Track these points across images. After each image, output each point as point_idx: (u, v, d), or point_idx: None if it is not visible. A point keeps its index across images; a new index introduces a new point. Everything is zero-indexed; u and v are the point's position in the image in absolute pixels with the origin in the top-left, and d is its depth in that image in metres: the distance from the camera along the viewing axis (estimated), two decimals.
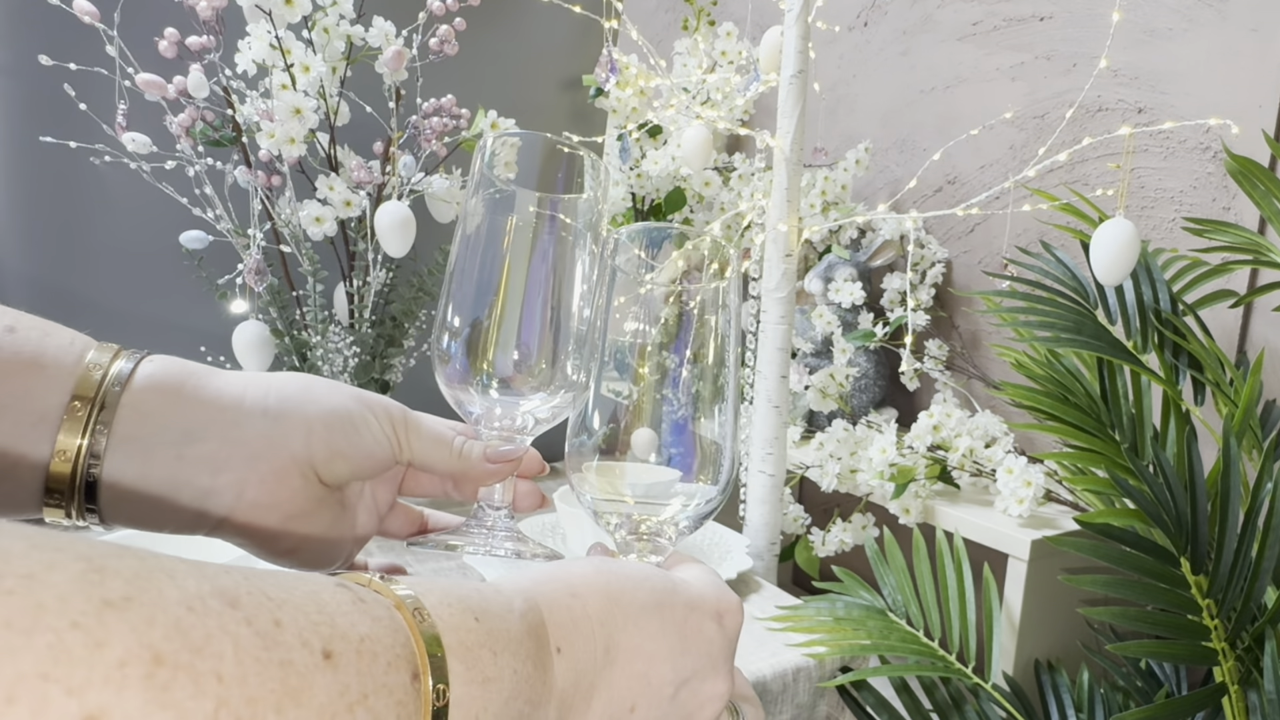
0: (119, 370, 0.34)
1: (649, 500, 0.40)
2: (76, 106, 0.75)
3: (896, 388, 1.37)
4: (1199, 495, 0.70)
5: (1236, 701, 0.67)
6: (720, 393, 0.41)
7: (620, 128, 1.24)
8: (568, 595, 0.30)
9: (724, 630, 0.34)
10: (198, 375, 0.36)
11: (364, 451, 0.38)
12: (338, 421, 0.37)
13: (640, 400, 0.41)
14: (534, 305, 0.42)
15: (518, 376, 0.41)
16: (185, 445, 0.35)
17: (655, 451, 0.40)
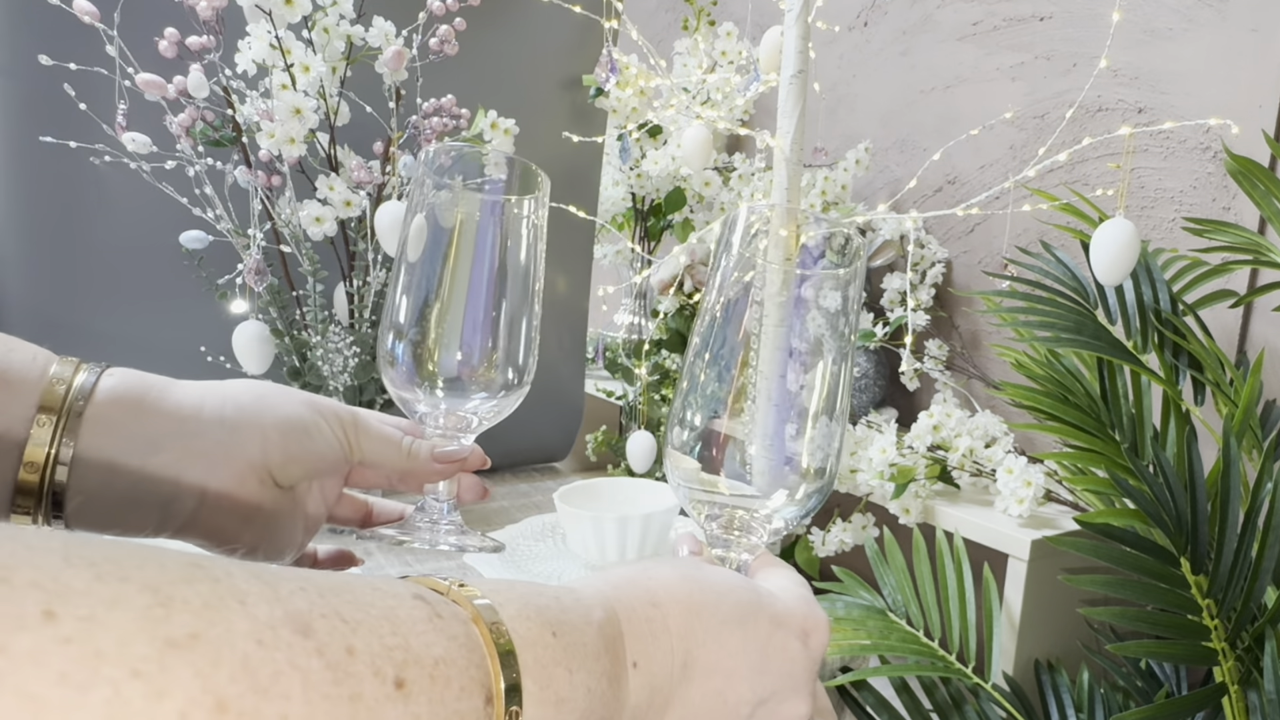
0: (81, 383, 0.35)
1: (743, 494, 0.38)
2: (76, 106, 0.75)
3: (896, 388, 1.37)
4: (1199, 495, 0.70)
5: (1236, 701, 0.67)
6: (828, 404, 0.39)
7: (620, 128, 1.24)
8: (648, 605, 0.30)
9: (808, 650, 0.33)
10: (157, 388, 0.38)
11: (316, 455, 0.40)
12: (291, 429, 0.39)
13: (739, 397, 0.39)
14: (476, 308, 0.43)
15: (462, 377, 0.42)
16: (148, 455, 0.36)
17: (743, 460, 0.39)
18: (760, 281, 0.39)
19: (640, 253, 1.51)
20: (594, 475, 1.15)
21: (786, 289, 0.38)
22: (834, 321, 0.39)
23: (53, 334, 0.83)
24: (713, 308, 0.40)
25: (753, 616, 0.32)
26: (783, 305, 0.37)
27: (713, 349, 0.39)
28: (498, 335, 0.43)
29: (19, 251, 0.84)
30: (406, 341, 0.42)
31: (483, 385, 0.43)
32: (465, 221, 0.43)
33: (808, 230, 0.41)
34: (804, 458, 0.39)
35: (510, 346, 0.43)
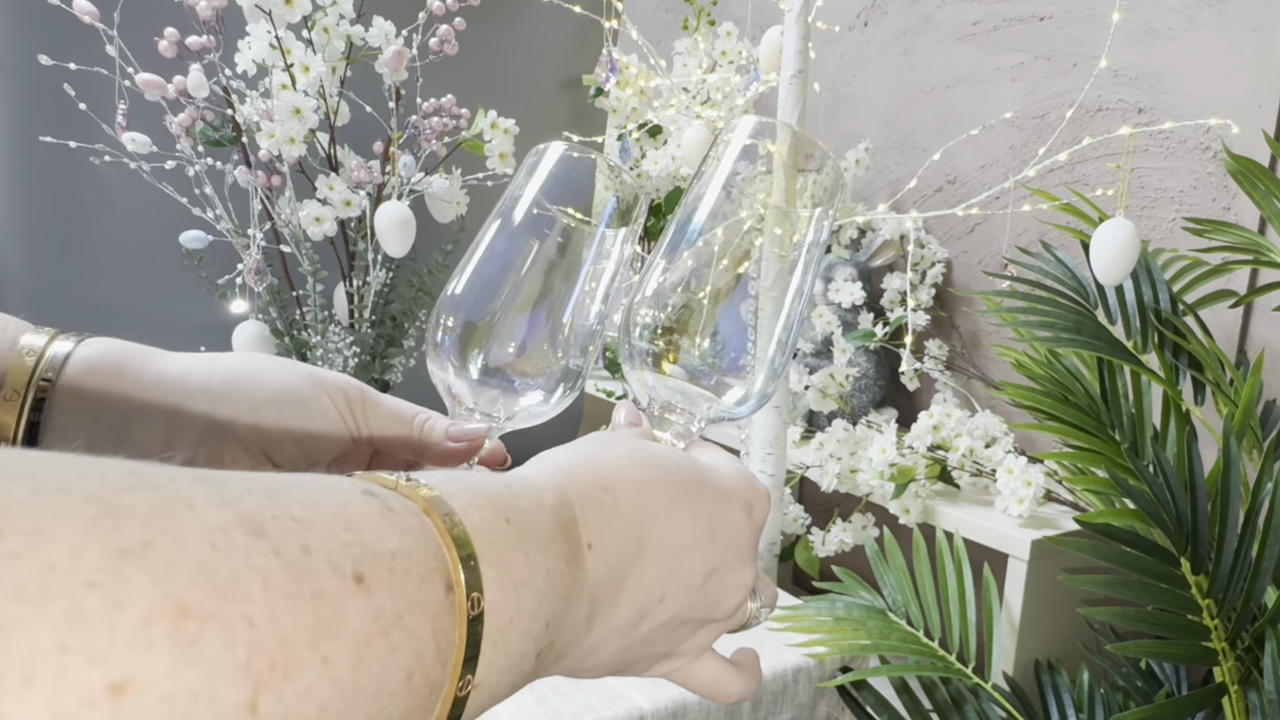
0: (54, 354, 0.34)
1: (691, 381, 0.38)
2: (76, 106, 0.75)
3: (896, 388, 1.37)
4: (1199, 495, 0.70)
5: (1236, 701, 0.67)
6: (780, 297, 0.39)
7: (620, 128, 1.24)
8: (599, 489, 0.30)
9: (752, 520, 0.34)
10: (138, 357, 0.36)
11: (316, 431, 0.37)
12: (287, 401, 0.36)
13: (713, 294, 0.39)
14: (540, 311, 0.40)
15: (515, 366, 0.39)
16: (124, 429, 0.34)
17: (709, 337, 0.38)
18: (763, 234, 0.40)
19: (640, 253, 1.51)
20: None
21: (784, 235, 0.39)
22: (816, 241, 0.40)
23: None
24: (697, 214, 0.39)
25: (699, 492, 0.32)
26: (780, 249, 0.39)
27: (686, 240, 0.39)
28: (560, 338, 0.40)
29: (19, 251, 0.84)
30: (460, 321, 0.38)
31: (536, 378, 0.40)
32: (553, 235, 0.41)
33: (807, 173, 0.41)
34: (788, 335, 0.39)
35: (570, 349, 0.41)
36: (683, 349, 0.38)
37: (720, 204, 0.39)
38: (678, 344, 0.38)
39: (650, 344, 0.38)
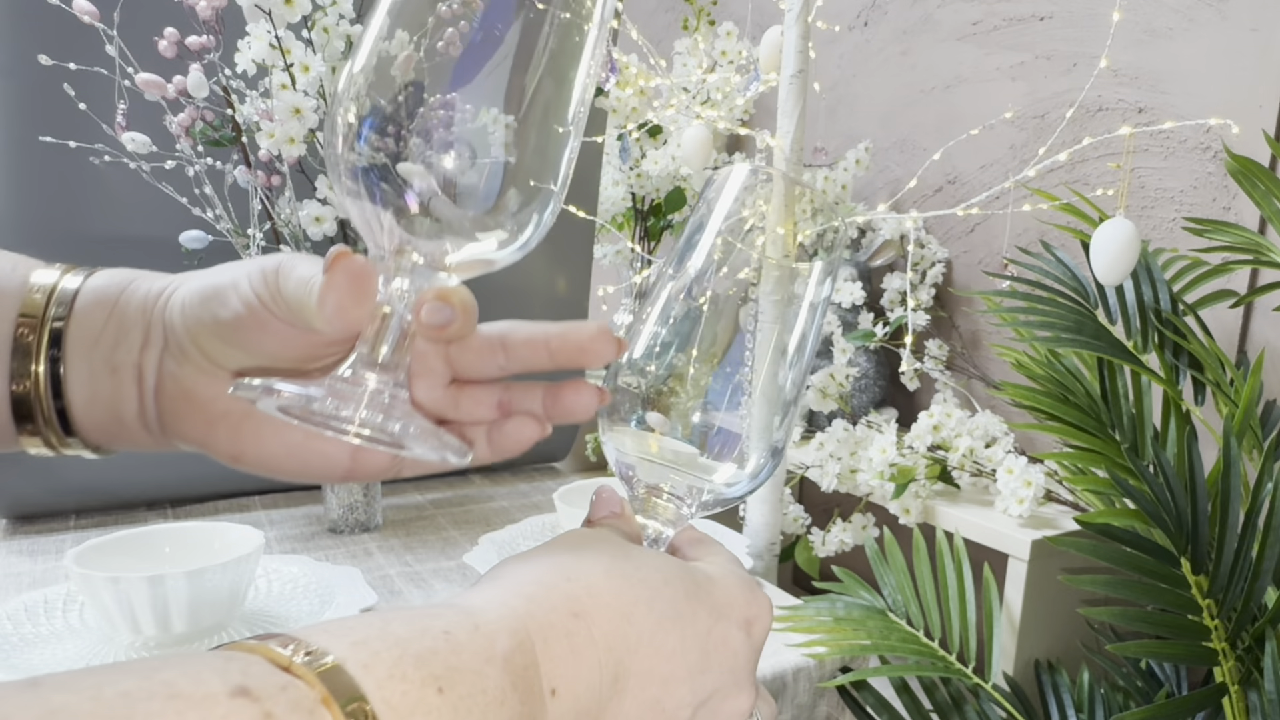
0: (63, 290, 0.33)
1: (686, 459, 0.34)
2: (76, 106, 0.75)
3: (896, 388, 1.37)
4: (1199, 495, 0.70)
5: (1237, 702, 0.66)
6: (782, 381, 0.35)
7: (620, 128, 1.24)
8: (569, 616, 0.26)
9: (751, 639, 0.30)
10: (137, 281, 0.34)
11: (237, 324, 0.31)
12: (206, 294, 0.32)
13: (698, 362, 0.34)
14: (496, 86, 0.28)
15: (451, 199, 0.28)
16: (114, 354, 0.33)
17: (700, 410, 0.33)
18: (757, 277, 0.36)
19: (640, 253, 1.51)
20: (594, 475, 1.15)
21: (783, 286, 0.36)
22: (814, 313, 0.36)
23: None
24: (688, 283, 0.35)
25: (691, 611, 0.28)
26: (779, 303, 0.36)
27: (680, 324, 0.34)
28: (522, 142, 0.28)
29: (19, 250, 0.84)
30: (377, 118, 0.27)
31: (482, 216, 0.28)
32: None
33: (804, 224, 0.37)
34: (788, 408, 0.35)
35: (533, 163, 0.29)
36: (671, 421, 0.33)
37: (713, 258, 0.35)
38: (666, 413, 0.33)
39: (634, 413, 0.34)
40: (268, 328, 0.31)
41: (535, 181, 0.29)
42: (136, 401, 0.34)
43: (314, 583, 0.73)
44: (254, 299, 0.31)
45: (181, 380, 0.33)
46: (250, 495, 1.02)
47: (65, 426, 0.33)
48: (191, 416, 0.34)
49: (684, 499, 0.34)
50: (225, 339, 0.32)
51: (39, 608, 0.66)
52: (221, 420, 0.34)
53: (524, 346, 0.34)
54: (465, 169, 0.28)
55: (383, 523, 0.94)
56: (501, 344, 0.34)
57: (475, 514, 1.00)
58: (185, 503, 0.98)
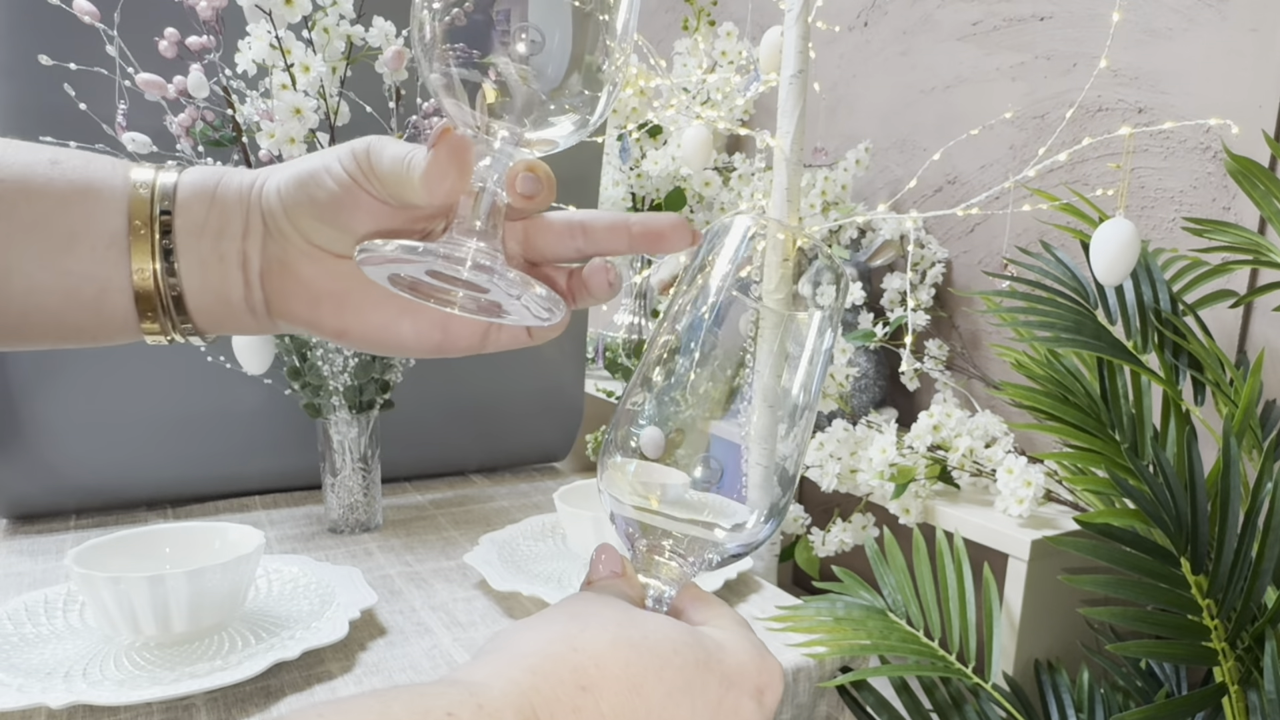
0: (164, 185, 0.35)
1: (687, 515, 0.33)
2: (76, 106, 0.75)
3: (896, 388, 1.37)
4: (1199, 495, 0.70)
5: (1236, 701, 0.67)
6: (794, 412, 0.34)
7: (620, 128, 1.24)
8: (576, 690, 0.25)
9: (763, 708, 0.30)
10: (229, 174, 0.36)
11: (335, 205, 0.34)
12: (300, 178, 0.34)
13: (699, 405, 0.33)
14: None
15: (530, 69, 0.32)
16: (219, 244, 0.35)
17: (701, 464, 0.33)
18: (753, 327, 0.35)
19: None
20: (594, 475, 1.15)
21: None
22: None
23: None
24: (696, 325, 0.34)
25: (701, 681, 0.28)
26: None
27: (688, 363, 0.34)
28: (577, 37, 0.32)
29: None
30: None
31: (552, 81, 0.32)
32: None
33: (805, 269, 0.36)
34: (790, 464, 0.34)
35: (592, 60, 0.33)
36: (672, 475, 0.33)
37: (713, 309, 0.34)
38: (667, 466, 0.33)
39: (632, 462, 0.33)
40: (362, 205, 0.34)
41: (594, 64, 0.33)
42: (242, 287, 0.36)
43: (314, 583, 0.73)
44: (347, 179, 0.33)
45: (286, 262, 0.35)
46: (250, 495, 1.02)
47: (180, 315, 0.35)
48: (297, 296, 0.36)
49: (686, 556, 0.33)
50: (322, 219, 0.34)
51: (39, 608, 0.66)
52: (326, 298, 0.36)
53: (605, 230, 0.36)
54: (537, 52, 0.32)
55: (383, 523, 0.95)
56: (582, 228, 0.36)
57: (475, 514, 1.00)
58: (185, 503, 0.98)
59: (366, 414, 0.89)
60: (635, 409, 0.33)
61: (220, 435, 0.96)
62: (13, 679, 0.55)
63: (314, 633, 0.64)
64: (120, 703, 0.54)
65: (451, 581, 0.80)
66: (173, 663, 0.60)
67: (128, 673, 0.59)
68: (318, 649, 0.64)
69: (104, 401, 0.90)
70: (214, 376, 0.92)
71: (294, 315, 0.36)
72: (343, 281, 0.36)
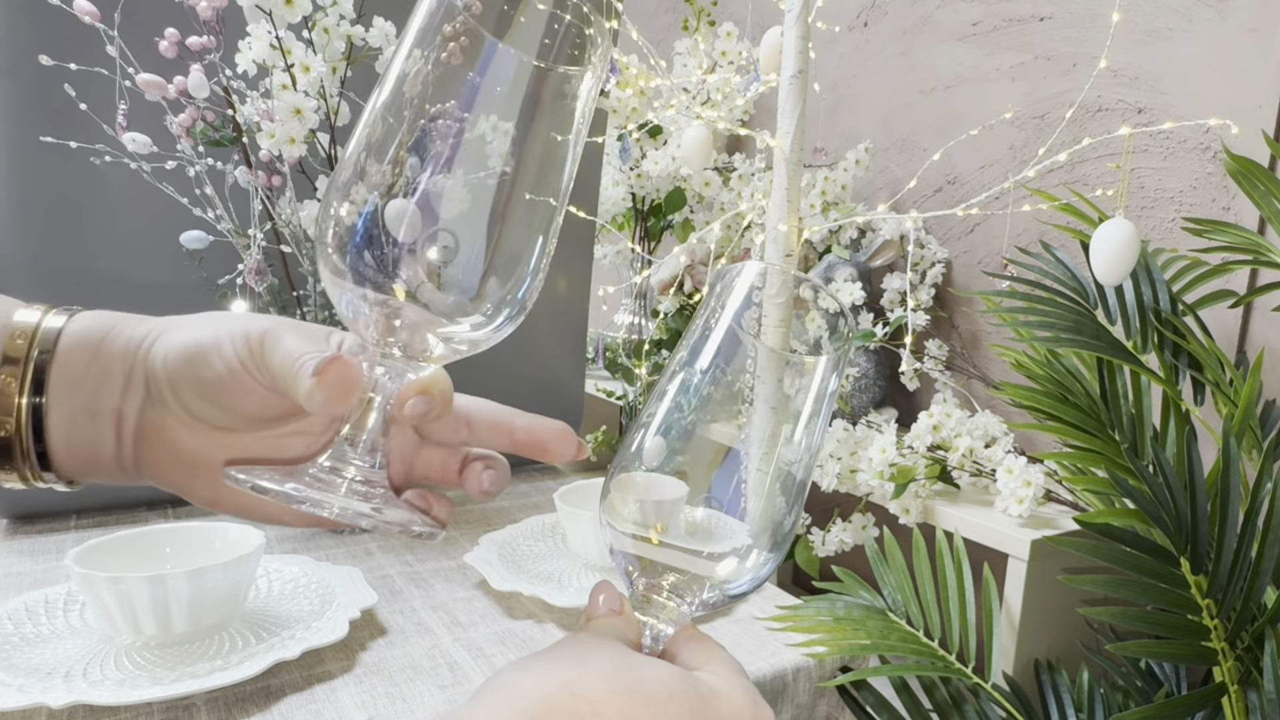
0: (46, 331, 0.33)
1: (688, 551, 0.33)
2: (77, 106, 0.75)
3: (896, 388, 1.37)
4: (1199, 495, 0.70)
5: (1236, 701, 0.67)
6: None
7: (620, 128, 1.24)
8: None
9: None
10: (119, 325, 0.35)
11: (220, 386, 0.33)
12: (190, 353, 0.33)
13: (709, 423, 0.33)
14: (480, 192, 0.30)
15: (437, 285, 0.30)
16: (95, 398, 0.34)
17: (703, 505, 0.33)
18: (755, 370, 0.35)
19: (640, 253, 1.51)
20: (594, 475, 1.15)
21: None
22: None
23: None
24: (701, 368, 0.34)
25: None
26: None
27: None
28: (505, 232, 0.30)
29: (19, 251, 0.84)
30: (369, 210, 0.29)
31: (464, 302, 0.30)
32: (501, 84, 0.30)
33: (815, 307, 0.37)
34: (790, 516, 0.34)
35: (521, 253, 0.31)
36: (676, 514, 0.33)
37: (720, 355, 0.35)
38: (671, 508, 0.33)
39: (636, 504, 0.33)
40: (249, 391, 0.33)
41: (511, 272, 0.31)
42: (114, 445, 0.35)
43: (314, 582, 0.73)
44: (237, 364, 0.33)
45: (162, 431, 0.35)
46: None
47: (43, 464, 0.34)
48: (171, 464, 0.35)
49: (684, 596, 0.33)
50: (206, 397, 0.34)
51: (40, 607, 0.66)
52: (201, 469, 0.35)
53: (488, 428, 0.36)
54: (448, 261, 0.30)
55: None
56: (467, 422, 0.36)
57: (475, 514, 1.00)
58: (186, 503, 0.98)
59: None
60: (642, 441, 0.33)
61: None
62: (13, 679, 0.55)
63: (314, 632, 0.64)
64: (120, 702, 0.54)
65: (452, 581, 0.80)
66: (173, 662, 0.60)
67: (128, 672, 0.59)
68: (318, 649, 0.64)
69: None
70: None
71: (166, 480, 0.36)
72: (221, 453, 0.35)
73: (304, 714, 0.57)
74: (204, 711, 0.57)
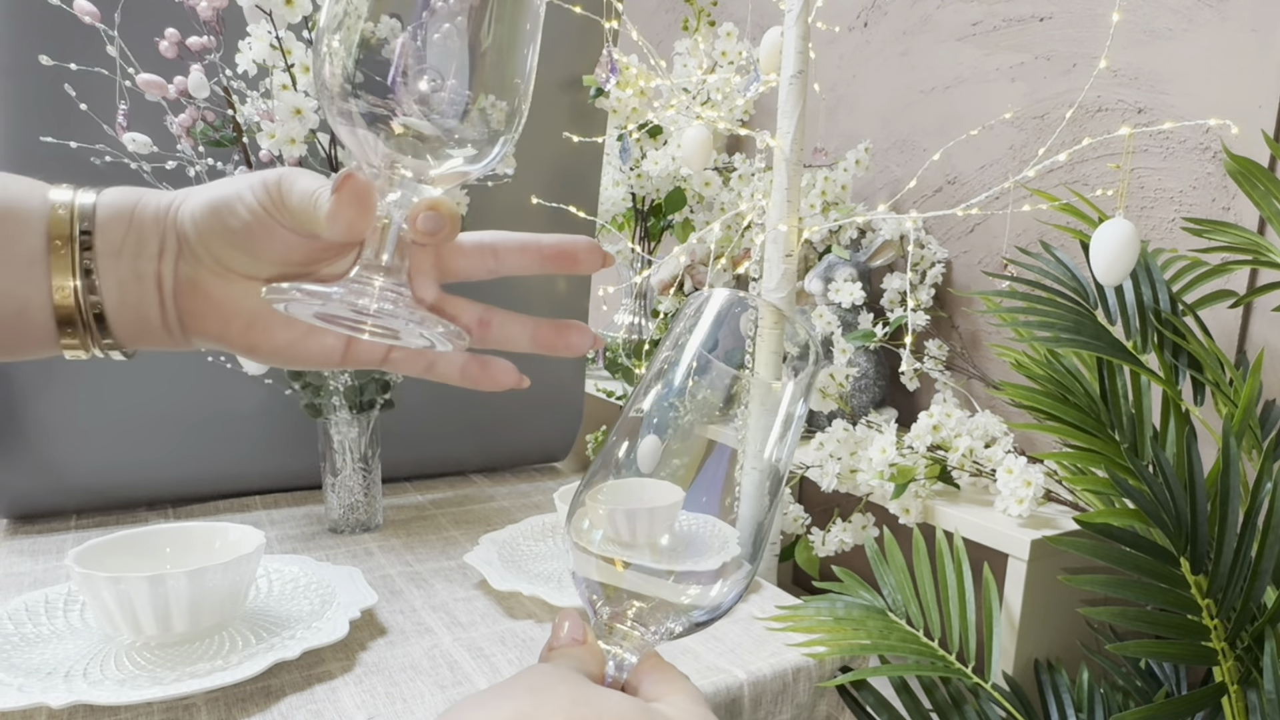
0: (83, 205, 0.36)
1: (651, 579, 0.32)
2: (77, 106, 0.75)
3: (896, 388, 1.37)
4: (1199, 495, 0.70)
5: (1236, 701, 0.67)
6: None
7: (620, 128, 1.24)
8: None
9: None
10: (146, 196, 0.37)
11: (246, 234, 0.36)
12: (214, 206, 0.36)
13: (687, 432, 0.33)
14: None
15: (430, 108, 0.33)
16: (136, 263, 0.36)
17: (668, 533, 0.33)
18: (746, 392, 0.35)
19: (640, 253, 1.51)
20: None
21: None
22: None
23: None
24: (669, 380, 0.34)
25: None
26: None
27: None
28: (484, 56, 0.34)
29: None
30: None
31: (453, 118, 0.33)
32: None
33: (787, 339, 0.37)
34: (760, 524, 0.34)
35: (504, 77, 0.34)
36: (640, 542, 0.32)
37: (686, 382, 0.35)
38: (635, 535, 0.32)
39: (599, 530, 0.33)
40: (273, 234, 0.36)
41: (496, 99, 0.34)
42: (158, 305, 0.37)
43: (315, 582, 0.73)
44: (259, 209, 0.35)
45: (198, 283, 0.37)
46: (251, 495, 1.02)
47: (102, 332, 0.37)
48: (209, 315, 0.38)
49: (648, 625, 0.33)
50: (234, 245, 0.36)
51: (40, 607, 0.66)
52: (235, 318, 0.38)
53: (516, 251, 0.39)
54: (437, 90, 0.33)
55: (383, 523, 0.95)
56: (493, 250, 0.39)
57: (476, 514, 1.00)
58: (186, 502, 0.98)
59: (367, 414, 0.89)
60: (610, 463, 0.34)
61: (221, 435, 0.96)
62: (13, 679, 0.55)
63: (314, 632, 0.64)
64: (120, 702, 0.54)
65: (452, 581, 0.80)
66: (173, 662, 0.60)
67: (128, 672, 0.59)
68: (318, 649, 0.64)
69: (104, 401, 0.90)
70: (214, 376, 0.92)
71: (206, 332, 0.38)
72: (252, 302, 0.38)
73: (304, 714, 0.57)
74: (204, 711, 0.57)
